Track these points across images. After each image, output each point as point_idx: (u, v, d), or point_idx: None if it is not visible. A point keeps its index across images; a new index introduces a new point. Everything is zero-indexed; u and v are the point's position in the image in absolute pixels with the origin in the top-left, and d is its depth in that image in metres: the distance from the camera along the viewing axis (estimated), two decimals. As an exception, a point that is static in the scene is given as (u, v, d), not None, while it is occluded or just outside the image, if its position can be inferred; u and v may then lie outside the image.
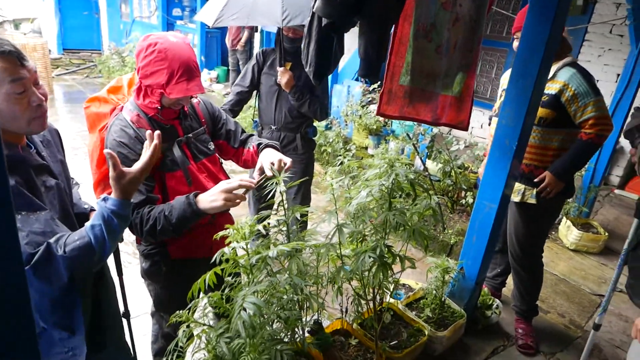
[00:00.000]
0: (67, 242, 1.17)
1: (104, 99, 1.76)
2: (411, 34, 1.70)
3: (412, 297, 2.58)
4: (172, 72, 1.51)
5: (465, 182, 4.45)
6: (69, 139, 5.88)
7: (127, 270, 3.30)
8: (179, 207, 1.54)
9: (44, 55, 7.72)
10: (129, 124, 1.61)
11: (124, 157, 1.56)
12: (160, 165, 1.65)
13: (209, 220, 1.82)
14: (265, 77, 2.99)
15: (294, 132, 3.01)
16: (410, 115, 1.95)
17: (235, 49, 8.23)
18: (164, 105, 1.62)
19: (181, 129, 1.73)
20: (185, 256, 1.81)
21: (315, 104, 2.87)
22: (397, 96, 1.85)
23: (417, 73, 1.79)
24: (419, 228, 1.78)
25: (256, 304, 1.27)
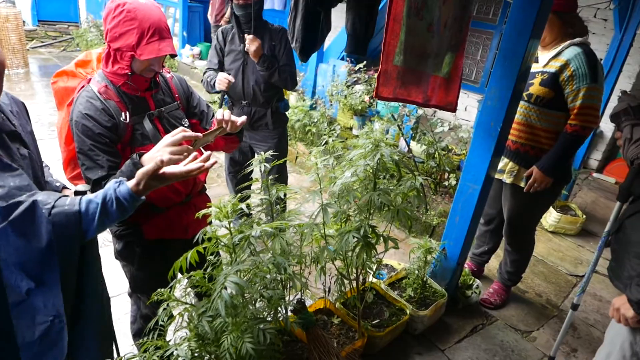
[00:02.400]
0: (57, 204, 1.12)
1: (72, 72, 1.69)
2: (404, 12, 1.65)
3: (395, 277, 2.61)
4: (142, 32, 1.45)
5: (448, 164, 4.48)
6: (46, 115, 5.70)
7: (107, 249, 3.25)
8: (126, 170, 1.46)
9: (18, 26, 7.39)
10: (96, 95, 1.54)
11: (88, 129, 1.50)
12: (130, 140, 1.59)
13: (183, 199, 1.79)
14: (228, 54, 2.95)
15: (264, 107, 2.98)
16: (402, 97, 1.92)
17: (218, 25, 8.01)
18: (135, 71, 1.55)
19: (152, 102, 1.66)
20: (159, 236, 1.76)
21: (285, 73, 2.82)
22: (391, 77, 1.82)
23: (409, 53, 1.76)
24: (402, 209, 1.78)
25: (238, 284, 1.25)
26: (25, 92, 6.58)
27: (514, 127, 2.41)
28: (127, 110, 1.58)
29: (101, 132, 1.51)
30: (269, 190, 1.70)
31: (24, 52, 7.58)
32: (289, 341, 2.04)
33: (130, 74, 1.54)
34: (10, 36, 7.30)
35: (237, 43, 2.89)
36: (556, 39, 2.34)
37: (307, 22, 1.63)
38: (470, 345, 2.46)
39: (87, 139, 1.51)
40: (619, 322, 1.54)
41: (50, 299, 1.14)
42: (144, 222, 1.73)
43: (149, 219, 1.73)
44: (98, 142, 1.52)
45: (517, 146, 2.45)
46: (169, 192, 1.71)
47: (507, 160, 2.50)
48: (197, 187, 1.84)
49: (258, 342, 1.33)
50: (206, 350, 1.40)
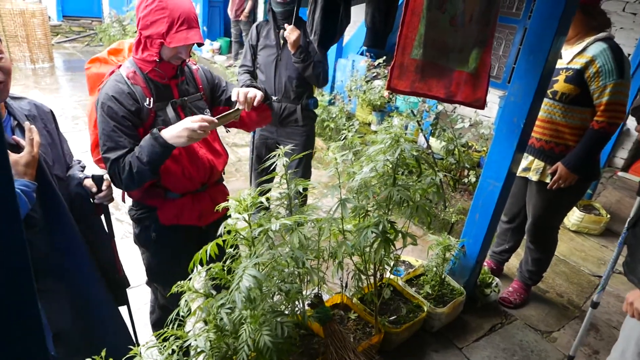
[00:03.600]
0: None
1: (105, 59, 1.77)
2: (425, 4, 1.62)
3: (412, 273, 2.59)
4: (172, 21, 1.52)
5: (468, 160, 4.42)
6: (70, 108, 5.82)
7: (128, 240, 3.31)
8: (146, 145, 1.54)
9: (44, 22, 7.57)
10: (124, 80, 1.61)
11: (113, 111, 1.57)
12: (152, 125, 1.64)
13: (198, 188, 1.83)
14: (261, 49, 2.96)
15: (294, 104, 2.99)
16: (421, 91, 1.89)
17: (238, 20, 8.06)
18: (163, 58, 1.61)
19: (177, 91, 1.72)
20: (173, 222, 1.81)
21: (318, 68, 2.83)
22: (408, 70, 1.79)
23: (430, 46, 1.73)
24: (422, 205, 1.76)
25: (255, 277, 1.26)
26: (50, 86, 6.73)
27: (538, 124, 2.36)
28: (151, 96, 1.64)
29: (125, 115, 1.58)
30: (287, 184, 1.70)
31: (49, 47, 7.76)
32: (306, 335, 2.05)
33: (158, 60, 1.60)
34: (36, 31, 7.47)
35: (271, 38, 2.89)
36: (579, 33, 2.29)
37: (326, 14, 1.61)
38: (488, 344, 2.43)
39: (111, 120, 1.57)
40: (632, 316, 1.50)
41: None
42: (159, 206, 1.79)
43: (164, 204, 1.78)
44: (121, 124, 1.58)
45: (541, 144, 2.41)
46: (184, 179, 1.76)
47: (532, 158, 2.46)
48: (213, 177, 1.88)
49: (276, 335, 1.34)
50: (224, 341, 1.41)
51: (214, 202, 1.84)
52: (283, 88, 2.94)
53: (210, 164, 1.81)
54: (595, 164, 2.41)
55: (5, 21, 7.20)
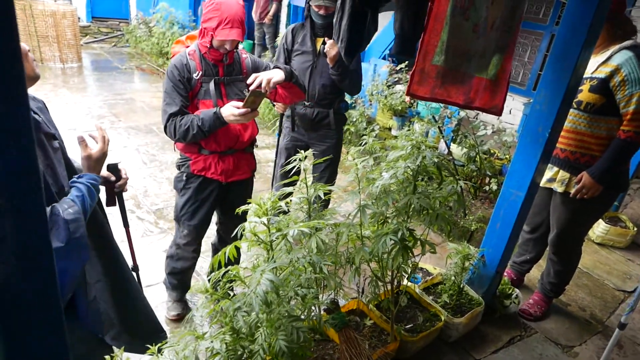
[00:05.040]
0: (64, 207, 1.25)
1: (183, 42, 2.32)
2: (449, 11, 1.61)
3: (430, 281, 2.56)
4: (220, 20, 1.99)
5: (490, 168, 4.34)
6: (96, 107, 5.96)
7: (147, 239, 3.37)
8: (208, 119, 2.04)
9: (73, 23, 7.77)
10: (186, 55, 2.14)
11: (172, 75, 2.10)
12: (197, 93, 2.16)
13: (224, 150, 2.26)
14: (296, 54, 2.97)
15: (327, 108, 3.00)
16: (441, 97, 1.87)
17: (262, 23, 8.13)
18: (213, 45, 2.08)
19: (222, 71, 2.18)
20: (201, 173, 2.28)
21: (354, 79, 2.88)
22: (429, 76, 1.78)
23: (452, 53, 1.71)
24: (442, 213, 1.74)
25: (273, 281, 1.26)
26: (77, 85, 6.91)
27: (563, 134, 2.31)
28: (201, 71, 2.13)
29: (180, 79, 2.10)
30: (307, 189, 1.71)
31: (77, 47, 7.96)
32: (321, 340, 2.04)
33: (209, 47, 2.08)
34: (66, 32, 7.68)
35: (308, 45, 2.90)
36: (605, 41, 2.23)
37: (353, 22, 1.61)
38: (506, 357, 2.38)
39: (170, 82, 2.10)
40: None
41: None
42: (193, 158, 2.27)
43: (197, 157, 2.26)
44: (176, 86, 2.10)
45: (566, 154, 2.35)
46: (213, 141, 2.20)
47: (557, 169, 2.40)
48: (239, 145, 2.29)
49: (291, 340, 1.34)
50: (240, 344, 1.42)
51: (236, 165, 2.33)
52: (316, 95, 2.95)
53: (236, 133, 2.24)
54: (623, 175, 2.34)
55: (37, 22, 7.43)
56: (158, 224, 3.54)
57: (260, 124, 6.09)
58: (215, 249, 2.78)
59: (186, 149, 2.26)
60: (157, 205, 3.80)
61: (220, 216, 2.64)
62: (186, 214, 2.36)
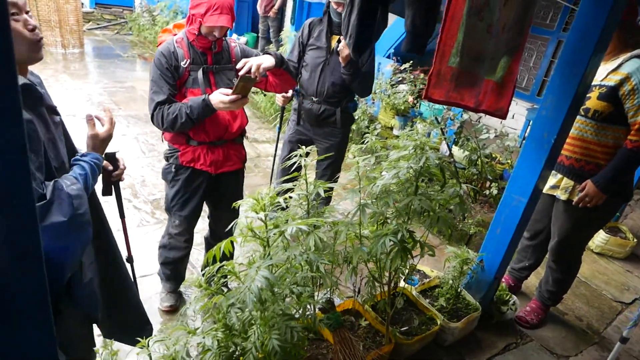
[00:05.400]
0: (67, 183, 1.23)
1: (170, 30, 2.29)
2: (465, 11, 1.56)
3: (427, 284, 2.53)
4: (209, 6, 1.95)
5: (491, 172, 4.31)
6: (96, 95, 5.91)
7: (143, 229, 3.33)
8: (197, 106, 2.00)
9: (76, 8, 7.70)
10: (173, 43, 2.10)
11: (160, 63, 2.06)
12: (185, 81, 2.11)
13: (213, 141, 2.22)
14: (311, 48, 2.93)
15: (334, 106, 2.94)
16: (454, 100, 1.83)
17: (267, 16, 8.07)
18: (202, 32, 2.04)
19: (210, 59, 2.15)
20: (190, 164, 2.25)
21: (365, 81, 2.83)
22: (444, 79, 1.73)
23: (466, 54, 1.67)
24: (443, 216, 1.71)
25: (268, 278, 1.23)
26: (78, 72, 6.84)
27: (568, 142, 2.28)
28: (189, 59, 2.09)
29: (167, 67, 2.06)
30: (307, 185, 1.67)
31: (80, 33, 7.89)
32: (314, 339, 2.01)
33: (197, 34, 2.04)
34: (69, 17, 7.61)
35: (323, 40, 2.86)
36: (615, 49, 2.20)
37: (362, 17, 1.56)
38: (501, 364, 2.35)
39: (158, 69, 2.06)
40: None
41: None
42: (181, 149, 2.23)
43: (185, 148, 2.22)
44: (164, 74, 2.06)
45: (571, 162, 2.32)
46: (201, 131, 2.16)
47: (561, 176, 2.37)
48: (228, 135, 2.25)
49: (285, 339, 1.30)
50: (232, 341, 1.38)
51: (226, 156, 2.29)
52: (325, 91, 2.90)
53: (225, 123, 2.19)
54: (628, 184, 2.31)
55: (39, 5, 7.35)
56: (155, 214, 3.50)
57: (262, 118, 6.05)
58: (209, 243, 2.75)
59: (174, 139, 2.23)
60: (154, 196, 3.76)
61: (211, 209, 2.61)
62: (176, 204, 2.34)
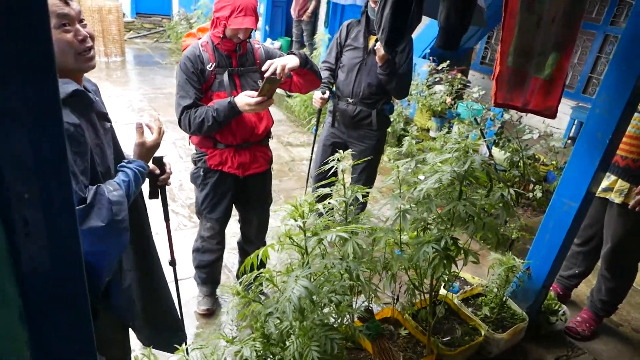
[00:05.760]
0: (109, 188, 1.25)
1: (194, 34, 2.28)
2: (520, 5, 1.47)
3: (469, 292, 2.43)
4: (233, 9, 1.96)
5: (534, 174, 4.13)
6: (136, 101, 6.09)
7: (181, 232, 3.38)
8: (223, 110, 2.02)
9: (118, 18, 7.98)
10: (198, 47, 2.12)
11: (185, 67, 2.07)
12: (211, 85, 2.13)
13: (240, 143, 2.23)
14: (348, 49, 2.90)
15: (369, 108, 2.89)
16: (508, 102, 1.73)
17: (300, 20, 8.09)
18: (226, 35, 2.05)
19: (235, 62, 2.16)
20: (218, 168, 2.27)
21: (402, 82, 2.79)
22: (504, 80, 1.64)
23: (519, 51, 1.57)
24: (489, 222, 1.62)
25: (308, 288, 1.19)
26: (120, 79, 7.09)
27: (624, 141, 2.13)
28: (214, 62, 2.11)
29: (193, 71, 2.07)
30: (345, 191, 1.63)
31: (121, 42, 8.18)
32: (353, 349, 1.96)
33: (222, 37, 2.06)
34: (111, 27, 7.90)
35: (360, 41, 2.84)
36: None
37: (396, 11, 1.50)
38: (550, 378, 2.22)
39: (184, 74, 2.08)
40: None
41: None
42: (209, 152, 2.25)
43: (212, 151, 2.24)
44: (190, 78, 2.07)
45: (627, 162, 2.16)
46: (228, 134, 2.18)
47: (615, 178, 2.22)
48: (254, 137, 2.26)
49: (324, 350, 1.26)
50: (271, 351, 1.36)
51: (253, 158, 2.30)
52: (361, 92, 2.86)
53: (251, 125, 2.20)
54: None
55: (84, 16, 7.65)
56: (192, 217, 3.55)
57: (296, 122, 6.05)
58: (241, 247, 2.76)
59: (202, 143, 2.25)
60: (191, 200, 3.81)
61: (241, 211, 2.61)
62: (207, 208, 2.37)
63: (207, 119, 2.04)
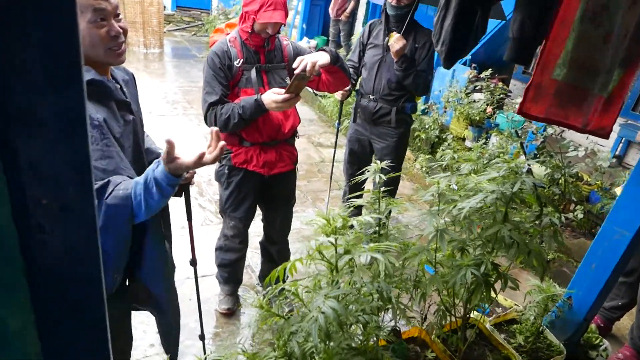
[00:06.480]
0: (116, 188, 1.18)
1: (222, 30, 2.27)
2: (577, 16, 1.35)
3: (503, 317, 2.28)
4: (263, 3, 1.92)
5: (576, 193, 3.91)
6: (171, 93, 6.14)
7: (207, 228, 3.36)
8: (250, 107, 1.97)
9: (159, 11, 8.10)
10: (226, 42, 2.08)
11: (213, 63, 2.05)
12: (238, 81, 2.09)
13: (266, 141, 2.19)
14: (370, 47, 2.99)
15: (390, 105, 2.95)
16: (557, 118, 1.60)
17: (338, 19, 8.01)
18: (255, 30, 2.01)
19: (263, 58, 2.12)
20: (243, 166, 2.23)
21: (419, 78, 2.81)
22: (546, 93, 1.52)
23: (576, 66, 1.44)
24: (535, 248, 1.49)
25: (336, 310, 1.10)
26: (157, 71, 7.18)
27: None
28: (242, 58, 2.07)
29: (220, 67, 2.04)
30: (379, 203, 1.54)
31: (161, 34, 8.30)
32: (376, 368, 1.86)
33: (250, 32, 2.02)
34: (152, 19, 8.03)
35: (380, 38, 2.92)
36: None
37: (459, 22, 1.39)
38: (586, 417, 2.06)
39: (211, 70, 2.05)
40: None
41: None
42: (234, 150, 2.22)
43: (238, 149, 2.21)
44: (217, 74, 2.04)
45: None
46: (255, 131, 2.14)
47: None
48: (280, 135, 2.21)
49: (349, 377, 1.17)
50: (292, 371, 1.28)
51: (278, 157, 2.25)
52: (381, 89, 2.93)
53: (278, 123, 2.16)
54: None
55: (127, 8, 7.81)
56: (218, 214, 3.52)
57: (328, 122, 5.97)
58: (264, 247, 2.73)
59: (227, 140, 2.19)
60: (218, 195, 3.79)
61: (264, 211, 2.59)
62: (230, 206, 2.34)
63: (232, 116, 2.00)
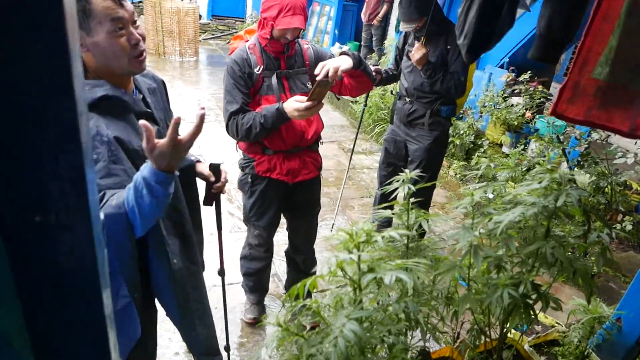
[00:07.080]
0: (111, 198, 1.13)
1: (241, 37, 2.25)
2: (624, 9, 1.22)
3: (543, 338, 2.12)
4: (281, 8, 1.88)
5: (623, 203, 3.66)
6: (205, 100, 6.24)
7: (235, 235, 3.34)
8: (271, 116, 1.93)
9: (195, 20, 8.29)
10: (246, 49, 2.04)
11: (233, 71, 2.01)
12: (259, 88, 2.05)
13: (289, 149, 2.15)
14: (406, 52, 3.04)
15: (425, 107, 2.98)
16: (599, 121, 1.46)
17: (370, 24, 7.93)
18: (274, 36, 1.97)
19: (284, 64, 2.08)
20: (266, 174, 2.19)
21: (448, 82, 2.77)
22: (585, 93, 1.39)
23: (622, 64, 1.31)
24: (581, 268, 1.36)
25: (357, 334, 1.02)
26: (192, 78, 7.33)
27: None
28: (262, 65, 2.03)
29: (240, 75, 2.01)
30: (408, 216, 1.44)
31: (196, 43, 8.48)
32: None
33: (269, 38, 1.98)
34: (188, 28, 8.22)
35: (413, 44, 2.95)
36: None
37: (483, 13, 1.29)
38: None
39: (231, 78, 2.02)
40: None
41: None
42: (257, 159, 2.19)
43: (261, 158, 2.18)
44: (237, 83, 2.00)
45: None
46: (278, 139, 2.10)
47: None
48: (304, 142, 2.17)
49: (372, 405, 1.09)
50: (311, 395, 1.20)
51: (302, 164, 2.21)
52: (415, 92, 2.99)
53: (301, 130, 2.12)
54: None
55: (164, 18, 8.04)
56: (246, 222, 3.50)
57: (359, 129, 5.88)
58: (289, 256, 2.68)
59: (250, 149, 2.20)
60: (247, 203, 3.77)
61: (289, 219, 2.55)
62: (254, 215, 2.31)
63: (254, 125, 1.96)
